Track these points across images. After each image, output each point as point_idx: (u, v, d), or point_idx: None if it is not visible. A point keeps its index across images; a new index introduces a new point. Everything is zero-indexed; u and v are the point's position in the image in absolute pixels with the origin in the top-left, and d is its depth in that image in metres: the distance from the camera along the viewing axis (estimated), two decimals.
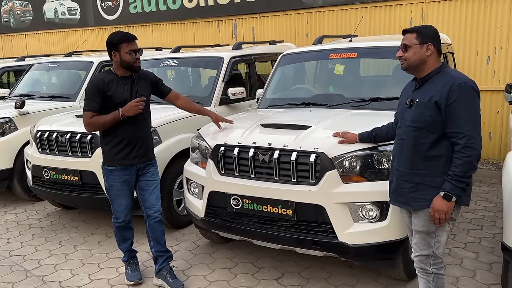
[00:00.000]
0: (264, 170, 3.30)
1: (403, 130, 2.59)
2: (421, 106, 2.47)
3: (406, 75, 4.44)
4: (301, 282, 3.54)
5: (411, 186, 2.53)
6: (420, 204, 2.51)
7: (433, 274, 2.58)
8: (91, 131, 3.44)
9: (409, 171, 2.53)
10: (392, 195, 2.71)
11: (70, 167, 4.46)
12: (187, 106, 3.78)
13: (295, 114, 4.09)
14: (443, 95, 2.39)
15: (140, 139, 3.39)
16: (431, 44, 2.50)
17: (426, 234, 2.54)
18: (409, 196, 2.56)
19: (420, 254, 2.59)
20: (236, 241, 4.22)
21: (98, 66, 6.70)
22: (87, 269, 3.92)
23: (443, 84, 2.42)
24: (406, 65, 2.56)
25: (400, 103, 2.77)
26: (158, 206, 3.50)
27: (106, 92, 3.24)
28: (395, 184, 2.65)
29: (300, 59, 5.00)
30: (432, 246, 2.54)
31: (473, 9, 6.79)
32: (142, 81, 3.44)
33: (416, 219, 2.57)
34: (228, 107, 5.38)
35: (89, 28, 10.93)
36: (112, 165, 3.38)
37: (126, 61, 3.28)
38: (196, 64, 6.06)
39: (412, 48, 2.51)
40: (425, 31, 2.52)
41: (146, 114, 3.42)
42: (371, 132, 3.10)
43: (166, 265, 3.59)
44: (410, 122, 2.52)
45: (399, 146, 2.62)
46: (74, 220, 5.15)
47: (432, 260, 2.56)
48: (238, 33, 8.94)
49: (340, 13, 7.83)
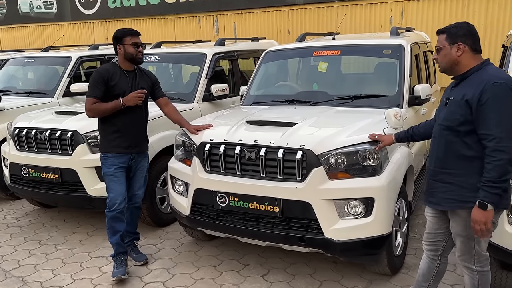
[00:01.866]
0: (250, 167, 3.29)
1: (436, 128, 2.55)
2: (454, 104, 2.39)
3: (387, 73, 4.55)
4: (287, 278, 3.55)
5: (442, 186, 2.47)
6: (451, 205, 2.45)
7: (478, 272, 2.56)
8: (92, 116, 3.59)
9: (440, 171, 2.48)
10: (424, 195, 2.65)
11: (50, 165, 4.35)
12: (171, 115, 3.93)
13: (280, 111, 4.10)
14: (476, 94, 2.27)
15: (135, 130, 3.63)
16: (462, 44, 2.37)
17: (466, 238, 2.49)
18: (440, 196, 2.50)
19: (462, 254, 2.57)
20: (221, 238, 4.21)
21: (76, 62, 6.57)
22: (69, 269, 3.85)
23: (479, 82, 2.30)
24: (442, 69, 2.48)
25: (441, 101, 2.66)
26: (140, 194, 3.83)
27: (109, 81, 3.48)
28: (427, 184, 2.60)
29: (284, 56, 5.01)
30: (473, 247, 2.51)
31: (451, 9, 6.94)
32: (143, 77, 3.72)
33: (454, 223, 2.52)
34: (211, 103, 5.35)
35: (66, 23, 10.70)
36: (107, 151, 3.58)
37: (130, 53, 3.53)
38: (179, 60, 5.99)
39: (442, 50, 2.43)
40: (454, 30, 2.40)
41: (144, 107, 3.68)
42: (408, 131, 3.02)
43: (131, 243, 3.89)
44: (442, 120, 2.47)
45: (432, 144, 2.58)
46: (54, 219, 5.04)
47: (475, 258, 2.54)
48: (219, 29, 8.90)
49: (321, 10, 7.88)
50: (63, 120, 4.47)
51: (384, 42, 4.48)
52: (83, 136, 4.25)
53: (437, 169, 2.49)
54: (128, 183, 3.73)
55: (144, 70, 3.82)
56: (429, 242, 2.76)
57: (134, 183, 3.79)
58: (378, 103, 4.08)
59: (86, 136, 4.25)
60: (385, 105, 3.98)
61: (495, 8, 6.65)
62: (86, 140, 4.25)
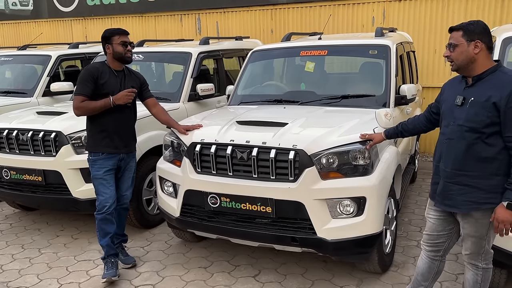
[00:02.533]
0: (242, 167, 3.27)
1: (452, 129, 2.46)
2: (477, 106, 2.34)
3: (373, 73, 4.59)
4: (279, 279, 3.55)
5: (460, 188, 2.45)
6: (469, 207, 2.43)
7: (483, 268, 2.60)
8: (80, 115, 3.51)
9: (458, 173, 2.44)
10: (438, 197, 2.58)
11: (32, 166, 4.23)
12: (159, 116, 3.87)
13: (269, 111, 4.09)
14: (504, 96, 2.27)
15: (124, 130, 3.60)
16: (479, 41, 2.36)
17: (478, 238, 2.51)
18: (457, 198, 2.47)
19: (471, 253, 2.59)
20: (209, 239, 4.18)
21: (56, 60, 6.42)
22: (55, 273, 3.75)
23: (504, 85, 2.30)
24: (456, 66, 2.43)
25: (445, 100, 2.59)
26: (128, 195, 3.79)
27: (99, 79, 3.44)
28: (442, 186, 2.54)
29: (271, 55, 5.00)
30: (483, 246, 2.54)
31: (432, 9, 7.05)
32: (132, 77, 3.69)
33: (467, 224, 2.51)
34: (197, 103, 5.31)
35: (43, 20, 10.41)
36: (95, 151, 3.52)
37: (119, 52, 3.50)
38: (163, 59, 5.91)
39: (459, 47, 2.39)
40: (471, 28, 2.38)
41: (133, 107, 3.66)
42: (397, 128, 3.02)
43: (119, 245, 3.83)
44: (464, 122, 2.40)
45: (446, 145, 2.50)
46: (36, 222, 4.91)
47: (483, 256, 2.57)
48: (201, 28, 8.83)
49: (304, 10, 7.90)
50: (46, 120, 4.36)
51: (371, 43, 4.52)
52: (67, 137, 4.15)
53: (455, 171, 2.45)
54: (116, 183, 3.67)
55: (133, 70, 3.79)
56: (431, 243, 2.75)
57: (122, 184, 3.73)
58: (366, 103, 4.12)
59: (70, 137, 4.15)
60: (372, 105, 4.04)
61: (473, 9, 6.79)
62: (70, 141, 4.15)
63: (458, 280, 3.44)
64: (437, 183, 2.59)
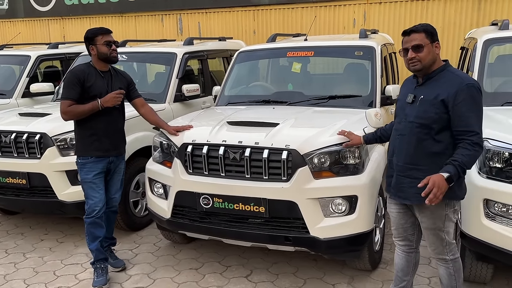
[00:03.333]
0: (234, 168, 3.28)
1: (404, 126, 2.59)
2: (426, 103, 2.48)
3: (359, 74, 4.66)
4: (271, 278, 3.57)
5: (411, 181, 2.55)
6: (419, 199, 2.49)
7: (451, 260, 2.68)
8: (68, 119, 3.45)
9: (409, 167, 2.55)
10: (393, 190, 2.70)
11: (16, 169, 4.13)
12: (147, 116, 3.81)
13: (259, 111, 4.11)
14: (451, 94, 2.40)
15: (113, 132, 3.53)
16: (438, 42, 2.51)
17: (436, 230, 2.60)
18: (408, 191, 2.58)
19: (435, 247, 2.66)
20: (199, 241, 4.17)
21: (36, 61, 6.28)
22: (43, 278, 3.67)
23: (451, 84, 2.43)
24: (421, 66, 2.49)
25: (399, 99, 2.75)
26: (117, 198, 3.73)
27: (85, 82, 3.36)
28: (395, 179, 2.66)
29: (257, 56, 5.02)
30: (444, 238, 2.61)
31: (411, 11, 7.21)
32: (119, 78, 3.61)
33: (424, 218, 2.61)
34: (183, 104, 5.28)
35: (19, 20, 10.18)
36: (85, 155, 3.44)
37: (103, 52, 3.42)
38: (147, 59, 5.85)
39: (426, 48, 2.47)
40: (431, 29, 2.50)
41: (121, 108, 3.59)
42: (376, 133, 3.10)
43: (108, 249, 3.78)
44: (414, 118, 2.52)
45: (398, 141, 2.62)
46: (18, 226, 4.79)
47: (447, 248, 2.65)
48: (183, 28, 8.78)
49: (286, 11, 7.97)
50: (29, 122, 4.26)
51: (356, 44, 4.59)
52: (52, 138, 4.07)
53: (406, 165, 2.56)
54: (105, 186, 3.60)
55: (119, 70, 3.73)
56: (402, 237, 2.85)
57: (111, 186, 3.67)
58: (353, 103, 4.18)
59: (55, 139, 4.07)
60: (359, 105, 4.11)
61: (451, 11, 6.98)
62: (55, 143, 4.07)
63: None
64: (391, 177, 2.71)
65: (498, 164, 2.87)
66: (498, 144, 2.89)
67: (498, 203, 2.83)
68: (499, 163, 2.87)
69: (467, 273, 3.29)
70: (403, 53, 2.57)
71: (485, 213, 2.88)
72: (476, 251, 3.05)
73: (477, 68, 3.97)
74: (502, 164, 2.86)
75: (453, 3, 6.96)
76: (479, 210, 2.89)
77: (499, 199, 2.81)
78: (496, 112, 3.50)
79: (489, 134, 2.97)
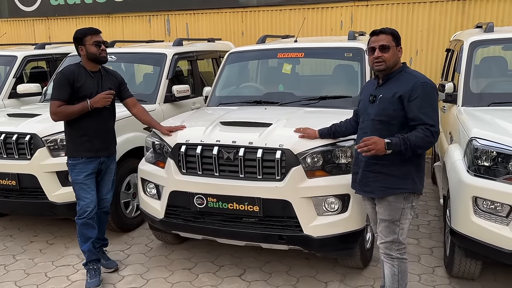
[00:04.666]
0: (228, 167, 3.30)
1: (367, 124, 2.74)
2: (385, 101, 2.64)
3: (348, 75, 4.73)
4: (264, 277, 3.60)
5: (375, 176, 2.69)
6: (384, 192, 2.67)
7: (397, 259, 2.77)
8: (58, 120, 3.44)
9: (372, 162, 2.68)
10: (358, 185, 2.84)
11: (5, 170, 4.09)
12: (140, 116, 3.80)
13: (251, 112, 4.13)
14: (407, 90, 2.57)
15: (104, 132, 3.51)
16: (401, 47, 2.70)
17: (390, 222, 2.72)
18: (373, 185, 2.72)
19: (385, 241, 2.77)
20: (191, 241, 4.18)
21: (22, 61, 6.20)
22: (34, 280, 3.64)
23: (407, 82, 2.61)
24: (385, 66, 2.64)
25: (361, 100, 2.92)
26: (108, 198, 3.72)
27: (75, 83, 3.34)
28: (360, 174, 2.78)
29: (248, 57, 5.05)
30: (397, 233, 2.72)
31: (397, 14, 7.33)
32: (109, 78, 3.59)
33: (381, 208, 2.74)
34: (173, 105, 5.29)
35: (3, 20, 10.02)
36: (75, 156, 3.43)
37: (92, 53, 3.39)
38: (137, 60, 5.84)
39: (391, 50, 2.64)
40: (397, 34, 2.68)
41: (111, 108, 3.56)
42: (330, 128, 3.24)
43: (100, 250, 3.77)
44: (374, 116, 2.68)
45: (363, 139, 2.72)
46: (7, 228, 4.73)
47: (396, 246, 2.75)
48: (171, 29, 8.76)
49: (274, 13, 8.01)
50: (19, 123, 4.22)
51: (346, 45, 4.66)
52: (42, 139, 4.04)
53: (370, 160, 2.67)
54: (96, 187, 3.59)
55: (110, 70, 3.71)
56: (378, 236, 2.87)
57: (102, 187, 3.66)
58: (343, 104, 4.23)
59: (46, 140, 4.04)
60: (349, 105, 4.14)
61: (436, 14, 7.11)
62: (46, 144, 4.04)
63: (435, 273, 3.61)
64: (356, 173, 2.84)
65: (486, 163, 2.95)
66: (486, 143, 2.96)
67: (486, 200, 2.90)
68: (487, 162, 2.95)
69: (456, 270, 3.37)
70: (369, 51, 2.71)
71: (474, 210, 2.95)
72: (465, 247, 3.13)
73: (463, 70, 4.06)
74: (490, 163, 2.94)
75: (438, 6, 7.10)
76: (468, 207, 2.97)
77: (487, 197, 2.89)
78: (483, 112, 3.60)
79: (477, 134, 3.07)
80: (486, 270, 3.49)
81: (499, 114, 3.51)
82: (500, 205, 2.84)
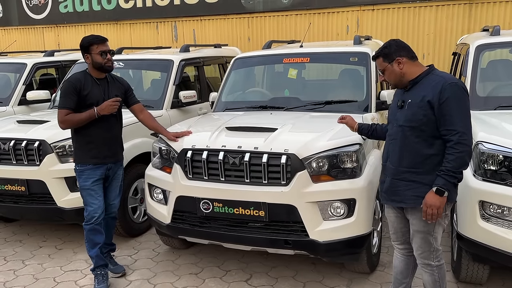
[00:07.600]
0: (234, 172, 3.32)
1: (396, 130, 2.65)
2: (414, 106, 2.55)
3: (354, 79, 4.74)
4: (271, 282, 3.60)
5: (406, 184, 2.60)
6: (415, 201, 2.57)
7: (436, 266, 2.71)
8: (65, 128, 3.48)
9: (403, 170, 2.60)
10: (385, 194, 2.74)
11: (15, 176, 4.14)
12: (146, 122, 3.83)
13: (257, 117, 4.16)
14: (435, 94, 2.46)
15: (111, 139, 3.54)
16: (400, 57, 2.59)
17: (426, 233, 2.63)
18: (404, 194, 2.61)
19: (422, 251, 2.70)
20: (198, 246, 4.20)
21: (32, 68, 6.29)
22: (43, 285, 3.68)
23: (434, 84, 2.50)
24: (393, 84, 2.70)
25: (391, 106, 2.86)
26: (116, 204, 3.75)
27: (82, 91, 3.37)
28: (388, 183, 2.69)
29: (254, 63, 5.08)
30: (432, 243, 2.66)
31: (404, 18, 7.33)
32: (116, 85, 3.62)
33: (415, 220, 2.64)
34: (180, 110, 5.32)
35: (13, 28, 10.18)
36: (83, 163, 3.46)
37: (98, 62, 3.42)
38: (144, 66, 5.90)
39: (386, 71, 2.64)
40: (386, 51, 2.62)
41: (118, 115, 3.59)
42: (371, 126, 3.10)
43: (107, 255, 3.79)
44: (403, 122, 2.59)
45: (392, 146, 2.68)
46: (16, 234, 4.79)
47: (434, 254, 2.68)
48: (178, 36, 8.84)
49: (280, 18, 8.05)
50: (28, 129, 4.28)
51: (351, 50, 4.67)
52: (51, 145, 4.09)
53: (400, 168, 2.61)
54: (104, 192, 3.61)
55: (116, 77, 3.74)
56: (401, 241, 2.89)
57: (110, 192, 3.69)
58: (348, 108, 4.24)
59: (54, 146, 4.09)
60: (354, 110, 4.16)
61: (443, 18, 7.10)
62: (54, 150, 4.09)
63: None
64: (383, 182, 2.76)
65: (493, 167, 2.94)
66: (493, 147, 2.95)
67: (493, 204, 2.89)
68: (493, 166, 2.93)
69: (464, 274, 3.35)
70: None
71: (480, 215, 2.94)
72: (472, 252, 3.11)
73: (470, 73, 4.06)
74: (496, 167, 2.92)
75: (444, 10, 7.09)
76: (475, 211, 2.96)
77: (494, 201, 2.88)
78: (489, 116, 3.58)
79: (483, 137, 3.05)
80: (494, 274, 3.47)
81: (505, 117, 3.50)
82: (507, 209, 2.83)
